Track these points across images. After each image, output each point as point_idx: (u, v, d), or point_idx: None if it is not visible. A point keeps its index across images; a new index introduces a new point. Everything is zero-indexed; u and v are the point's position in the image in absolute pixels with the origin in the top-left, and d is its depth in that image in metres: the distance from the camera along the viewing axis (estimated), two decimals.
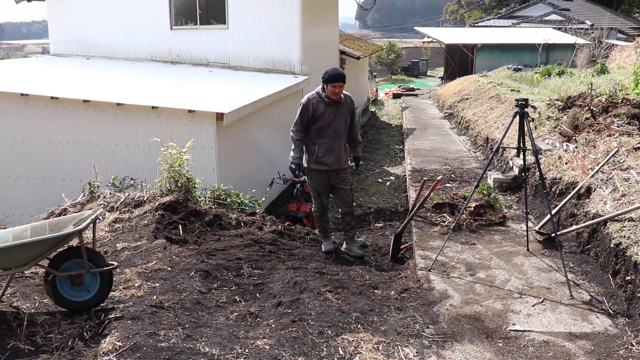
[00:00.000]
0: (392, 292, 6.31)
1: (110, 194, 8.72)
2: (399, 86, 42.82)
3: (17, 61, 21.30)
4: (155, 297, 5.34)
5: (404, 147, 18.45)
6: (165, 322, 4.78)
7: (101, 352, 4.19)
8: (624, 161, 8.23)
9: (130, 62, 17.79)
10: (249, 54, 17.29)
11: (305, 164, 7.68)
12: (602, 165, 8.12)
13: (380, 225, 10.77)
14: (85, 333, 4.54)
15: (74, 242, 5.10)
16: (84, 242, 4.91)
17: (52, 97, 11.61)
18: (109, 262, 5.15)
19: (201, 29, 17.67)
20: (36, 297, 5.35)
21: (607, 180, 7.91)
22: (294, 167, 7.67)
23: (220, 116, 10.78)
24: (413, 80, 49.91)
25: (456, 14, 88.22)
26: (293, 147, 7.60)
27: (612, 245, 6.42)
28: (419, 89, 40.72)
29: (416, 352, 4.88)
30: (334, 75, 7.40)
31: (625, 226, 6.50)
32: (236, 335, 4.86)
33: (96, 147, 11.55)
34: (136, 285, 5.63)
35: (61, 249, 5.01)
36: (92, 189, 8.81)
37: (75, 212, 7.39)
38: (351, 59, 24.73)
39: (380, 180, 17.39)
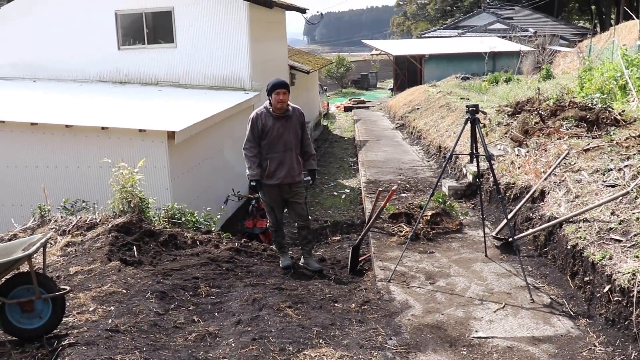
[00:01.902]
0: (353, 304, 6.25)
1: (61, 217, 8.50)
2: (350, 99, 42.98)
3: None
4: (110, 320, 5.18)
5: (357, 159, 18.47)
6: (122, 347, 4.63)
7: None
8: (575, 163, 8.32)
9: (78, 83, 17.51)
10: (198, 71, 17.18)
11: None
12: (554, 168, 8.20)
13: (338, 238, 10.74)
14: None
15: (24, 268, 4.93)
16: (34, 267, 4.75)
17: None
18: (61, 287, 4.99)
19: (149, 48, 17.49)
20: None
21: (559, 182, 7.98)
22: (254, 184, 7.58)
23: (171, 135, 10.64)
24: (364, 93, 50.16)
25: (403, 26, 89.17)
26: (248, 164, 7.51)
27: (569, 247, 6.46)
28: (369, 101, 40.93)
29: None
30: (275, 84, 7.41)
31: (580, 227, 6.55)
32: (195, 357, 4.74)
33: (45, 170, 11.28)
34: (90, 309, 5.46)
35: (10, 275, 4.84)
36: (42, 213, 8.58)
37: (26, 237, 7.18)
38: (301, 73, 24.72)
39: (335, 193, 17.35)
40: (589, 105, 11.22)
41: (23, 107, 13.46)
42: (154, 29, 17.63)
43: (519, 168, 9.54)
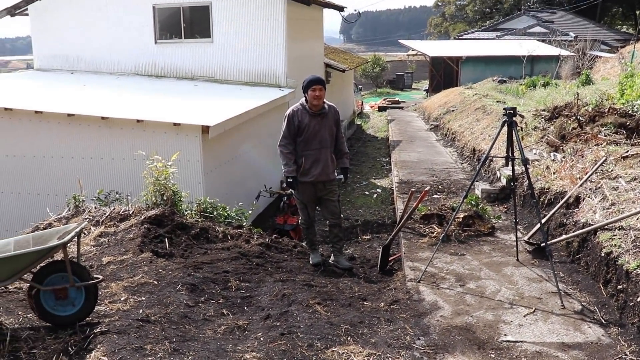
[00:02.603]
0: (382, 303, 6.24)
1: (95, 208, 8.61)
2: (385, 99, 42.85)
3: (0, 76, 21.14)
4: (141, 311, 5.24)
5: (390, 159, 18.42)
6: (152, 336, 4.68)
7: None
8: (612, 170, 8.21)
9: (114, 76, 17.71)
10: (234, 67, 17.26)
11: None
12: (591, 175, 8.10)
13: (368, 237, 10.72)
14: (70, 348, 4.44)
15: (59, 256, 5.00)
16: (69, 255, 4.81)
17: (36, 112, 11.50)
18: (94, 276, 5.05)
19: (185, 42, 17.62)
20: (20, 312, 5.24)
21: (595, 189, 7.89)
22: (291, 180, 7.57)
23: (205, 129, 10.71)
24: (398, 93, 50.00)
25: (440, 27, 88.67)
26: (284, 161, 7.51)
27: (602, 255, 6.38)
28: (404, 102, 40.78)
29: None
30: (311, 80, 7.40)
31: (615, 235, 6.46)
32: (224, 349, 4.77)
33: (81, 161, 11.44)
34: (122, 299, 5.53)
35: (45, 263, 4.91)
36: (77, 203, 8.70)
37: (61, 226, 7.28)
38: (336, 71, 24.72)
39: (367, 192, 17.34)
40: (630, 112, 11.07)
41: (60, 98, 13.64)
42: (191, 23, 17.76)
43: (554, 173, 9.44)
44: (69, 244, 4.85)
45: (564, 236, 7.48)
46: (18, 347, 4.45)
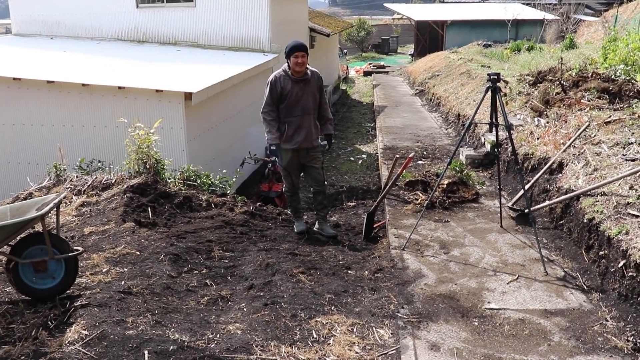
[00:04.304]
0: (366, 272, 6.23)
1: (77, 177, 8.53)
2: (370, 64, 42.61)
3: None
4: (123, 282, 5.20)
5: (375, 124, 18.36)
6: (134, 309, 4.65)
7: (66, 342, 4.05)
8: (595, 135, 8.20)
9: (95, 41, 17.48)
10: (217, 32, 17.08)
11: None
12: (574, 140, 8.09)
13: (353, 204, 10.69)
14: (49, 322, 4.39)
15: (38, 228, 4.94)
16: (48, 227, 4.75)
17: (14, 79, 11.32)
18: (75, 248, 4.99)
19: (168, 6, 17.39)
20: None
21: (579, 155, 7.88)
22: (274, 148, 7.51)
23: (188, 96, 10.60)
24: (383, 58, 49.75)
25: None
26: (267, 128, 7.41)
27: (585, 221, 6.39)
28: (389, 66, 40.57)
29: (391, 334, 4.81)
30: (293, 47, 7.28)
31: (598, 201, 6.46)
32: (207, 320, 4.75)
33: (62, 129, 11.30)
34: (104, 270, 5.48)
35: (24, 235, 4.85)
36: (58, 172, 8.62)
37: (41, 196, 7.20)
38: (321, 36, 24.53)
39: (352, 158, 17.31)
40: (612, 76, 11.04)
41: (40, 64, 13.45)
42: None
43: (538, 139, 9.43)
44: (48, 215, 4.79)
45: (547, 202, 7.47)
46: None
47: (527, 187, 7.62)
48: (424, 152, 12.12)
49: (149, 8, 17.48)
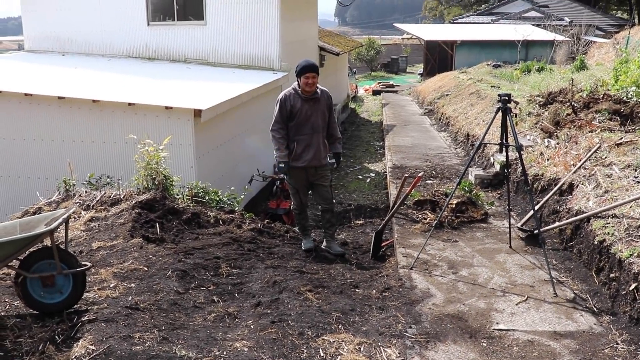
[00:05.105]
0: (374, 291, 6.20)
1: (86, 192, 8.54)
2: (379, 83, 42.75)
3: None
4: (130, 298, 5.19)
5: (384, 143, 18.37)
6: (141, 324, 4.63)
7: (73, 357, 4.03)
8: (606, 157, 8.17)
9: (106, 58, 17.57)
10: (227, 50, 17.14)
11: None
12: (585, 161, 8.06)
13: (361, 222, 10.67)
14: (57, 336, 4.37)
15: (47, 242, 4.93)
16: (56, 242, 4.75)
17: (26, 94, 11.39)
18: (83, 263, 4.99)
19: (179, 25, 17.48)
20: (6, 300, 5.18)
21: (589, 176, 7.85)
22: (282, 166, 7.48)
23: (198, 113, 10.63)
24: (393, 77, 49.90)
25: (435, 11, 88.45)
26: (276, 146, 7.42)
27: (595, 242, 6.35)
28: (398, 86, 40.68)
29: (399, 353, 4.77)
30: (304, 67, 7.29)
31: (609, 223, 6.42)
32: (214, 337, 4.72)
33: (72, 144, 11.34)
34: (111, 285, 5.47)
35: (32, 250, 4.84)
36: (67, 187, 8.63)
37: (50, 211, 7.21)
38: (330, 55, 24.60)
39: (360, 177, 17.29)
40: (624, 98, 11.01)
41: (51, 80, 13.52)
42: (184, 5, 17.61)
43: (548, 160, 9.40)
44: (57, 230, 4.79)
45: (557, 223, 7.44)
46: (4, 335, 4.39)
47: (536, 207, 7.59)
48: (433, 172, 12.10)
49: (160, 26, 17.58)
